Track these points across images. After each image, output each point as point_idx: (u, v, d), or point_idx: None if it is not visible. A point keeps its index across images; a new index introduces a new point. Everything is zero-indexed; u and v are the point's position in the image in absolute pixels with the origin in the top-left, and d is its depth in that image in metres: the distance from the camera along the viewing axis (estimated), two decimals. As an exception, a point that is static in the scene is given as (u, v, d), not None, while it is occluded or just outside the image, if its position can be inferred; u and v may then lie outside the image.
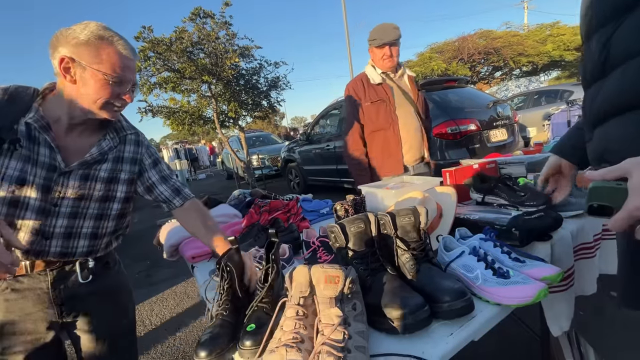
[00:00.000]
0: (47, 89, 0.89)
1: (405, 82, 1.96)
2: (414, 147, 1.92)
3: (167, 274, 3.39)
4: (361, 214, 0.84)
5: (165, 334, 2.29)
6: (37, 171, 0.83)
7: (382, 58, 1.83)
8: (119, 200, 0.98)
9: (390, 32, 1.78)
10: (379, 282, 0.72)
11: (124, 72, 0.86)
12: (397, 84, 1.92)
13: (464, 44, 14.18)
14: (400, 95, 1.91)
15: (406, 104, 1.91)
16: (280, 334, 0.60)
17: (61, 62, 0.81)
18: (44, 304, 0.89)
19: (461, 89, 4.32)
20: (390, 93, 1.88)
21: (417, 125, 1.93)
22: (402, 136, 1.88)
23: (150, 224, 5.96)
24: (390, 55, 1.82)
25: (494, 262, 0.78)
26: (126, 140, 1.00)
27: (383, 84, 1.88)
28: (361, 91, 1.91)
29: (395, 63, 1.87)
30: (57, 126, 0.87)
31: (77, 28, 0.82)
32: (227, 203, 1.74)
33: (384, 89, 1.88)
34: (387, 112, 1.86)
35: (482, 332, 0.68)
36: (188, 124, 6.82)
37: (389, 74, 1.91)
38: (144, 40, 5.64)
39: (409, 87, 1.95)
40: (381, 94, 1.87)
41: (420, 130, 1.94)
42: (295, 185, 6.83)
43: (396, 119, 1.86)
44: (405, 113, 1.89)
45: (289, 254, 1.07)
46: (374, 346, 0.62)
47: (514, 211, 1.06)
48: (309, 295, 0.63)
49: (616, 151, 0.62)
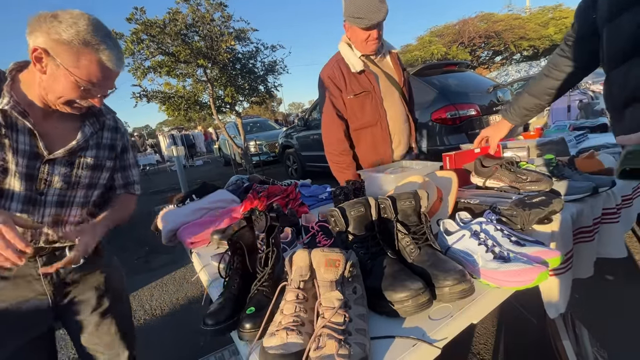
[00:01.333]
0: (14, 70, 0.82)
1: (388, 63, 1.65)
2: (403, 140, 1.69)
3: (166, 260, 3.41)
4: (361, 198, 0.82)
5: (165, 319, 2.32)
6: (19, 160, 0.79)
7: (365, 41, 1.49)
8: (102, 187, 0.97)
9: (379, 8, 1.40)
10: (379, 266, 0.71)
11: (101, 82, 0.80)
12: (380, 67, 1.61)
13: (464, 27, 13.92)
14: (386, 83, 1.61)
15: (392, 91, 1.63)
16: (280, 317, 0.59)
17: (34, 51, 0.74)
18: (36, 290, 0.88)
19: (461, 74, 4.26)
20: (375, 82, 1.57)
21: (405, 115, 1.67)
22: (392, 130, 1.63)
23: (147, 210, 5.95)
24: (376, 38, 1.48)
25: (494, 245, 0.77)
26: (104, 125, 0.96)
27: (366, 72, 1.56)
28: (341, 81, 1.56)
29: (378, 46, 1.54)
30: (33, 111, 0.81)
31: (63, 23, 0.73)
32: (225, 189, 1.72)
33: (368, 78, 1.56)
34: (374, 106, 1.58)
35: (482, 314, 0.68)
36: (184, 110, 6.71)
37: (369, 57, 1.59)
38: (137, 22, 5.47)
39: (393, 69, 1.65)
40: (365, 84, 1.56)
41: (407, 120, 1.69)
42: (293, 171, 6.81)
43: (384, 112, 1.59)
44: (393, 103, 1.63)
45: (292, 237, 1.07)
46: (374, 329, 0.62)
47: (515, 195, 1.05)
48: (309, 278, 0.62)
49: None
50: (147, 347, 2.02)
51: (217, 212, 1.41)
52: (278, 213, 1.21)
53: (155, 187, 8.91)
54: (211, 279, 0.95)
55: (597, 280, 1.31)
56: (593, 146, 1.66)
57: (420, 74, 3.96)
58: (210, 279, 0.95)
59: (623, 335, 1.46)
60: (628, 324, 1.53)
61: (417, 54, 13.02)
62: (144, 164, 13.08)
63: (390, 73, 1.64)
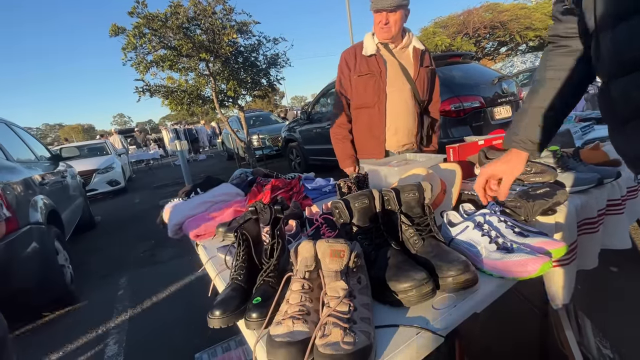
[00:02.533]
0: None
1: (407, 56, 1.70)
2: (400, 132, 1.71)
3: (172, 253, 3.45)
4: (365, 190, 0.83)
5: (171, 311, 2.35)
6: None
7: (378, 25, 1.59)
8: None
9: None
10: (383, 257, 0.72)
11: None
12: (395, 57, 1.67)
13: (469, 17, 13.72)
14: (397, 71, 1.66)
15: (401, 81, 1.67)
16: (286, 306, 0.60)
17: None
18: None
19: (466, 65, 4.21)
20: (384, 67, 1.65)
21: (411, 109, 1.70)
22: (389, 117, 1.68)
23: (152, 204, 6.01)
24: (386, 24, 1.56)
25: (497, 236, 0.78)
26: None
27: (376, 56, 1.65)
28: (352, 62, 1.70)
29: (393, 33, 1.60)
30: None
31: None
32: (229, 182, 1.73)
33: (377, 61, 1.65)
34: (376, 88, 1.65)
35: (485, 304, 0.69)
36: (187, 104, 6.71)
37: (387, 44, 1.67)
38: (139, 16, 5.45)
39: (411, 62, 1.69)
40: (372, 66, 1.65)
41: (413, 115, 1.71)
42: (296, 165, 6.82)
43: (384, 97, 1.66)
44: (398, 92, 1.67)
45: (296, 229, 1.08)
46: (378, 318, 0.63)
47: (519, 186, 1.05)
48: (314, 269, 0.63)
49: None
50: (154, 339, 2.06)
51: (222, 205, 1.43)
52: (282, 206, 1.22)
53: (160, 181, 8.97)
54: (217, 270, 0.96)
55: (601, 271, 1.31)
56: (598, 137, 1.65)
57: (424, 66, 3.92)
58: (217, 270, 0.97)
59: (626, 326, 1.46)
60: (632, 315, 1.54)
61: (421, 46, 12.84)
62: (148, 159, 13.17)
63: (405, 65, 1.69)
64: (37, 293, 2.29)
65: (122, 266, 3.35)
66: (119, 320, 2.33)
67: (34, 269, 2.23)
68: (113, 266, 3.39)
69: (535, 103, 0.84)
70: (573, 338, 1.11)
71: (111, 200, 7.36)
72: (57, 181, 3.60)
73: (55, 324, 2.43)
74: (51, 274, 2.39)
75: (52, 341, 2.19)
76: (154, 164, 13.31)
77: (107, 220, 5.50)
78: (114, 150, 9.04)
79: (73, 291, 2.71)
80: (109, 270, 3.29)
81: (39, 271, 2.27)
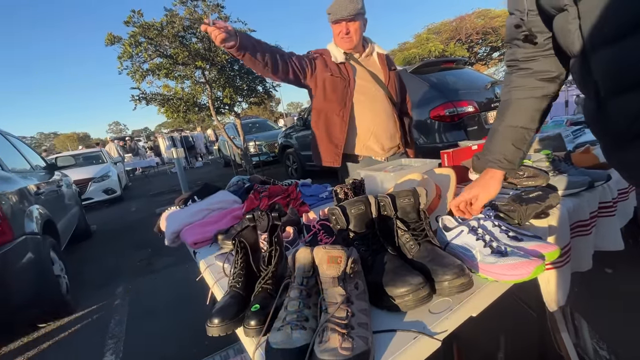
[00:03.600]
0: None
1: (374, 62, 1.71)
2: (383, 136, 1.70)
3: (169, 261, 3.43)
4: (362, 196, 0.84)
5: (169, 319, 2.34)
6: None
7: (338, 36, 1.58)
8: None
9: (346, 6, 1.50)
10: (380, 262, 0.73)
11: None
12: (363, 65, 1.67)
13: (461, 24, 13.93)
14: (367, 80, 1.67)
15: (374, 89, 1.67)
16: (284, 313, 0.61)
17: None
18: None
19: (459, 70, 4.27)
20: (352, 75, 1.63)
21: (389, 113, 1.71)
22: (368, 124, 1.67)
23: (149, 213, 5.98)
24: (347, 33, 1.55)
25: (491, 240, 0.79)
26: None
27: (346, 64, 1.63)
28: (322, 62, 1.64)
29: (355, 42, 1.60)
30: None
31: None
32: (226, 189, 1.74)
33: (346, 69, 1.63)
34: (343, 94, 1.62)
35: (481, 307, 0.70)
36: (183, 112, 6.73)
37: (352, 55, 1.65)
38: (134, 25, 5.49)
39: (379, 68, 1.70)
40: (343, 72, 1.63)
41: (392, 118, 1.72)
42: (293, 171, 6.83)
43: (350, 105, 1.64)
44: (373, 99, 1.67)
45: (294, 236, 1.08)
46: (376, 323, 0.63)
47: (512, 190, 1.07)
48: (311, 275, 0.64)
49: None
50: (152, 349, 2.04)
51: (219, 213, 1.43)
52: (280, 212, 1.23)
53: (156, 189, 8.94)
54: (215, 278, 0.97)
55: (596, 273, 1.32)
56: (589, 141, 1.68)
57: (418, 72, 3.97)
58: (215, 278, 0.97)
59: (623, 326, 1.48)
60: (628, 316, 1.55)
61: (415, 52, 13.02)
62: (144, 167, 13.12)
63: (374, 72, 1.69)
64: (33, 304, 2.26)
65: (118, 275, 3.32)
66: (116, 330, 2.31)
67: (29, 280, 2.21)
68: (109, 276, 3.36)
69: (506, 122, 0.89)
70: (569, 340, 1.12)
71: (107, 209, 7.31)
72: (52, 190, 3.58)
73: (51, 336, 2.39)
74: (47, 284, 2.37)
75: (48, 353, 2.17)
76: (150, 172, 13.26)
77: (103, 229, 5.45)
78: (109, 158, 9.01)
79: (69, 301, 2.67)
80: (105, 280, 3.26)
81: (35, 282, 2.25)
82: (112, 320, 2.45)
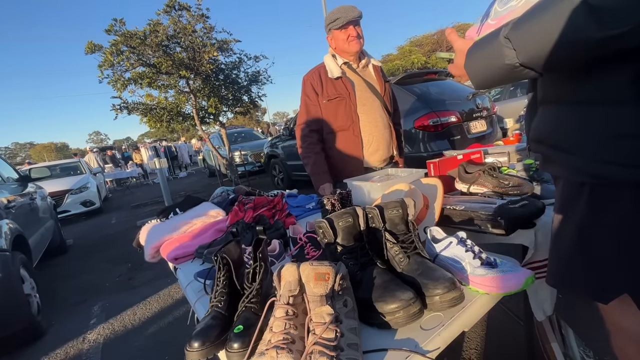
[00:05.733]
0: None
1: (370, 73, 1.74)
2: (381, 147, 1.73)
3: (149, 276, 3.29)
4: (349, 208, 0.82)
5: (149, 340, 2.22)
6: None
7: (347, 40, 1.61)
8: None
9: (351, 10, 1.57)
10: (369, 277, 0.70)
11: None
12: (360, 75, 1.70)
13: (442, 36, 14.42)
14: (365, 90, 1.69)
15: (372, 99, 1.70)
16: (269, 335, 0.57)
17: None
18: None
19: (442, 82, 4.37)
20: (352, 88, 1.66)
21: (385, 122, 1.74)
22: (368, 136, 1.70)
23: (129, 225, 5.77)
24: (356, 36, 1.60)
25: (480, 251, 0.78)
26: None
27: (343, 78, 1.66)
28: (318, 86, 1.68)
29: (362, 44, 1.64)
30: None
31: None
32: (210, 201, 1.69)
33: (344, 84, 1.66)
34: (348, 111, 1.66)
35: (473, 321, 0.68)
36: (166, 121, 6.60)
37: (351, 64, 1.69)
38: (116, 34, 5.39)
39: (375, 79, 1.74)
40: (340, 89, 1.66)
41: (388, 127, 1.75)
42: (279, 181, 6.77)
43: (357, 118, 1.67)
44: (371, 109, 1.69)
45: (279, 250, 1.05)
46: (366, 342, 0.60)
47: (498, 200, 1.07)
48: (298, 293, 0.61)
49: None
50: (130, 370, 1.93)
51: (202, 226, 1.38)
52: (265, 225, 1.19)
53: (138, 200, 8.67)
54: (197, 296, 0.92)
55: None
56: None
57: (402, 83, 4.05)
58: (196, 296, 0.92)
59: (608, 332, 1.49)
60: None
61: (398, 63, 13.35)
62: (125, 178, 12.73)
63: (371, 82, 1.72)
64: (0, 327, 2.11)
65: (95, 292, 3.16)
66: (91, 352, 2.17)
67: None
68: (85, 292, 3.19)
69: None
70: (559, 349, 1.11)
71: (85, 222, 7.03)
72: (24, 204, 3.41)
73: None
74: (16, 305, 2.22)
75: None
76: (132, 183, 12.89)
77: (80, 243, 5.22)
78: (88, 169, 8.70)
79: (40, 322, 2.51)
80: (81, 297, 3.09)
81: (2, 302, 2.10)
82: (87, 342, 2.31)
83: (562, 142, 0.60)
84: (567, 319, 1.25)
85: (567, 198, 0.63)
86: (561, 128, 0.60)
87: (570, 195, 0.62)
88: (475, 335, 1.58)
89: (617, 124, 0.52)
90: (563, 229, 0.65)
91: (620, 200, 0.54)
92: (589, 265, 0.60)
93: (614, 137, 0.52)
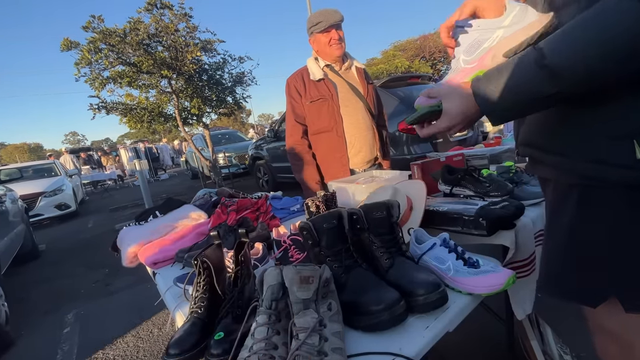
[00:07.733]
0: None
1: (353, 75, 1.76)
2: (364, 148, 1.74)
3: (128, 281, 3.18)
4: (333, 210, 0.81)
5: (127, 348, 2.14)
6: None
7: (329, 44, 1.62)
8: None
9: (333, 14, 1.59)
10: (354, 279, 0.70)
11: None
12: (343, 77, 1.71)
13: (425, 42, 14.75)
14: (347, 91, 1.70)
15: (354, 100, 1.71)
16: (251, 341, 0.55)
17: None
18: None
19: (424, 85, 4.45)
20: (334, 90, 1.67)
21: (368, 124, 1.75)
22: (350, 137, 1.71)
23: (107, 229, 5.57)
24: (338, 39, 1.61)
25: (464, 252, 0.79)
26: None
27: (325, 80, 1.67)
28: (301, 87, 1.70)
29: (344, 49, 1.66)
30: None
31: None
32: (192, 204, 1.64)
33: (326, 86, 1.67)
34: (330, 112, 1.67)
35: (457, 322, 0.68)
36: (147, 122, 6.43)
37: (333, 67, 1.71)
38: (94, 31, 5.21)
39: (358, 81, 1.75)
40: (323, 91, 1.67)
41: (372, 129, 1.76)
42: (264, 183, 6.71)
43: (340, 119, 1.68)
44: (354, 111, 1.71)
45: (263, 253, 1.03)
46: (350, 346, 0.59)
47: (480, 201, 1.09)
48: (281, 298, 0.59)
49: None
50: (106, 381, 1.84)
51: (182, 230, 1.34)
52: (248, 227, 1.17)
53: (117, 203, 8.38)
54: (176, 302, 0.88)
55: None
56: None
57: (386, 86, 4.10)
58: (175, 302, 0.89)
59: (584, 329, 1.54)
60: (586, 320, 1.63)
61: (382, 67, 13.54)
62: (103, 180, 12.31)
63: (354, 84, 1.73)
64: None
65: (69, 299, 3.02)
66: (64, 363, 2.07)
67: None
68: (59, 300, 3.04)
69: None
70: (538, 347, 1.14)
71: (60, 226, 6.73)
72: (-8, 207, 3.22)
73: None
74: (-20, 314, 2.09)
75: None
76: (110, 185, 12.46)
77: (54, 248, 4.99)
78: (64, 170, 8.35)
79: (8, 333, 2.38)
80: (54, 305, 2.94)
81: (-35, 312, 1.97)
82: (60, 352, 2.20)
83: (551, 144, 0.60)
84: (545, 317, 1.29)
85: (557, 200, 0.62)
86: (550, 130, 0.60)
87: (560, 197, 0.61)
88: (457, 335, 1.59)
89: (606, 124, 0.52)
90: (553, 231, 0.65)
91: (611, 201, 0.54)
92: (579, 267, 0.60)
93: (603, 137, 0.52)
